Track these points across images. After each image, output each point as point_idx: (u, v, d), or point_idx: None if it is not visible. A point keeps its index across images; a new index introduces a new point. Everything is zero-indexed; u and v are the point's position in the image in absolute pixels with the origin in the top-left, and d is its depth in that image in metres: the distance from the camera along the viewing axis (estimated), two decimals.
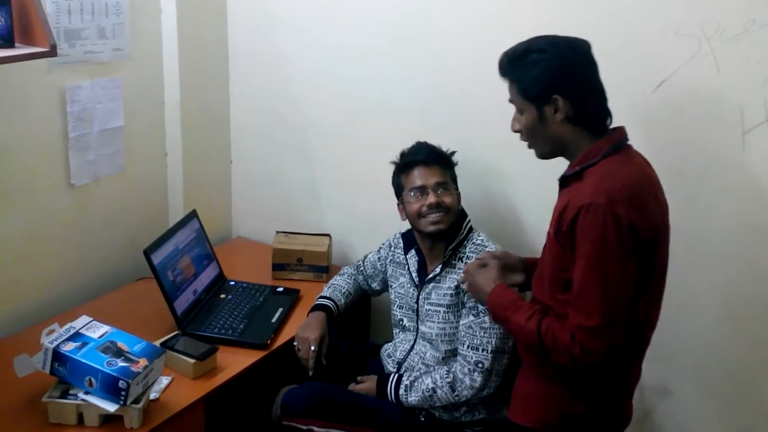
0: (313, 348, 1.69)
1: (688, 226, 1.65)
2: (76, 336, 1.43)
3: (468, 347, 1.59)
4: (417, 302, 1.71)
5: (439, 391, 1.60)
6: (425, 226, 1.65)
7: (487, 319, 1.57)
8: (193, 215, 1.98)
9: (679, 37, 1.56)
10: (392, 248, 1.83)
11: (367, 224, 2.10)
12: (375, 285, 1.90)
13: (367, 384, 1.71)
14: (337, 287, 1.88)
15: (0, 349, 1.67)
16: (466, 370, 1.58)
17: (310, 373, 1.70)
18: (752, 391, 1.68)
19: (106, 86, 1.92)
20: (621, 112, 1.65)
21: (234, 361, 1.65)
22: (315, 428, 1.65)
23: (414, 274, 1.73)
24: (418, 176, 1.67)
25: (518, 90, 1.32)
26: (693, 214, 1.64)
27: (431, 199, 1.64)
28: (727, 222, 1.62)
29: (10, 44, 1.49)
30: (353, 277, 1.92)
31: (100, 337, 1.44)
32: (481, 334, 1.58)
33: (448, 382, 1.59)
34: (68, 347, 1.39)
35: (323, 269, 2.07)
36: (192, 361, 1.57)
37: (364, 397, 1.68)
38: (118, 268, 2.06)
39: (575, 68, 1.29)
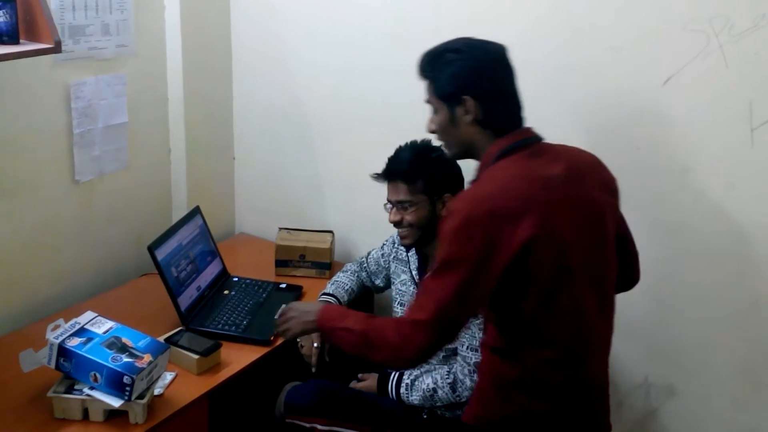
0: (316, 345, 1.70)
1: (695, 223, 1.65)
2: (81, 332, 1.44)
3: (467, 348, 1.59)
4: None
5: (440, 392, 1.61)
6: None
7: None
8: (196, 211, 1.99)
9: (687, 32, 1.55)
10: (395, 245, 1.84)
11: (370, 221, 2.10)
12: (378, 282, 1.91)
13: (368, 382, 1.72)
14: (340, 284, 1.89)
15: (5, 344, 1.69)
16: (466, 371, 1.59)
17: (313, 370, 1.71)
18: (758, 390, 1.68)
19: (110, 82, 1.93)
20: (627, 109, 1.67)
21: (237, 358, 1.66)
22: (318, 426, 1.65)
23: (414, 272, 1.74)
24: (388, 190, 1.69)
25: (433, 89, 1.32)
26: (700, 211, 1.64)
27: (391, 216, 1.67)
28: (735, 219, 1.61)
29: (15, 41, 1.50)
30: (356, 274, 1.92)
31: (104, 333, 1.45)
32: (480, 335, 1.58)
33: (449, 383, 1.60)
34: (73, 343, 1.40)
35: (326, 266, 2.08)
36: (196, 357, 1.58)
37: (367, 395, 1.69)
38: (123, 263, 2.07)
39: (487, 71, 1.29)
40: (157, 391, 1.48)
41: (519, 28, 1.75)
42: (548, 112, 1.77)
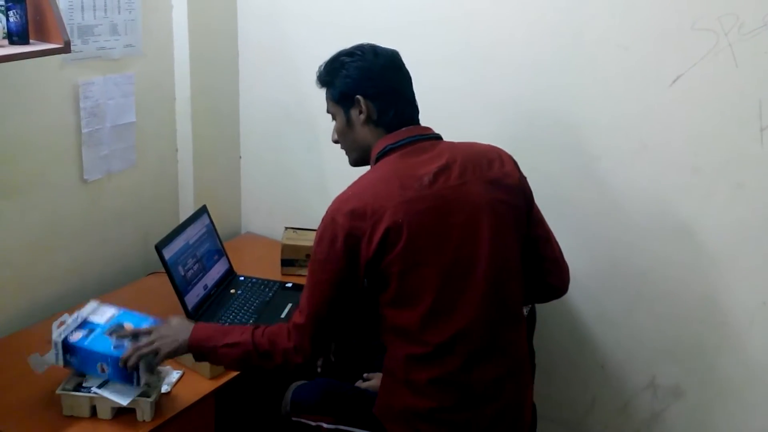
0: None
1: (704, 223, 1.64)
2: (83, 324, 1.45)
3: None
4: None
5: None
6: None
7: None
8: (203, 211, 2.00)
9: (696, 31, 1.54)
10: None
11: None
12: None
13: (373, 381, 1.72)
14: None
15: (14, 342, 1.70)
16: None
17: (319, 369, 1.71)
18: (765, 391, 1.67)
19: (118, 82, 1.94)
20: (636, 107, 1.66)
21: None
22: (324, 424, 1.65)
23: None
24: None
25: (330, 95, 1.38)
26: (709, 210, 1.63)
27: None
28: (744, 218, 1.60)
29: (25, 41, 1.51)
30: None
31: (106, 322, 1.46)
32: None
33: None
34: (76, 337, 1.41)
35: None
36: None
37: (373, 394, 1.69)
38: (130, 262, 2.08)
39: (377, 71, 1.33)
40: (164, 389, 1.48)
41: (525, 25, 1.75)
42: (553, 111, 1.78)
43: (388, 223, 1.23)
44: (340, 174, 2.22)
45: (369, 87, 1.33)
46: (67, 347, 1.40)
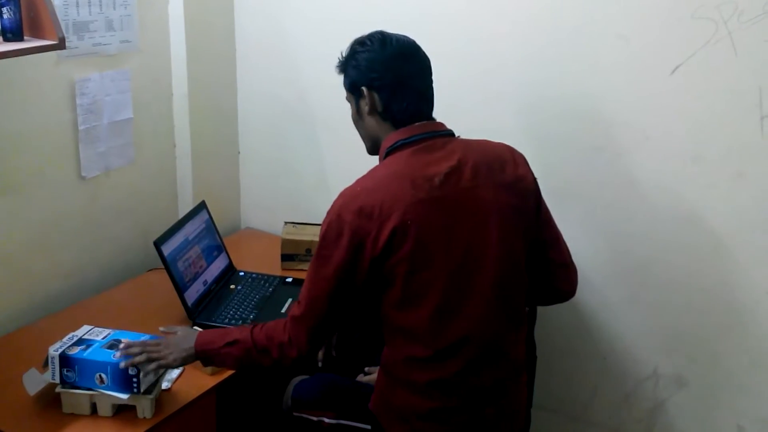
0: None
1: (706, 213, 1.64)
2: (79, 342, 1.45)
3: None
4: None
5: None
6: None
7: None
8: (202, 206, 1.99)
9: (696, 20, 1.53)
10: None
11: None
12: None
13: (375, 375, 1.72)
14: None
15: (14, 340, 1.70)
16: None
17: (320, 364, 1.71)
18: (767, 379, 1.67)
19: (114, 78, 1.93)
20: (636, 98, 1.66)
21: None
22: (326, 419, 1.65)
23: None
24: None
25: (344, 83, 1.37)
26: (710, 199, 1.62)
27: None
28: (746, 208, 1.59)
29: (19, 37, 1.50)
30: None
31: (103, 338, 1.46)
32: None
33: None
34: (74, 351, 1.41)
35: None
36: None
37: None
38: (129, 259, 2.08)
39: (383, 62, 1.30)
40: (164, 385, 1.48)
41: (525, 16, 1.74)
42: (554, 102, 1.77)
43: (396, 223, 1.20)
44: (339, 168, 2.23)
45: (374, 78, 1.30)
46: (65, 360, 1.39)
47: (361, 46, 1.33)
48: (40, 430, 1.38)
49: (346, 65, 1.36)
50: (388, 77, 1.30)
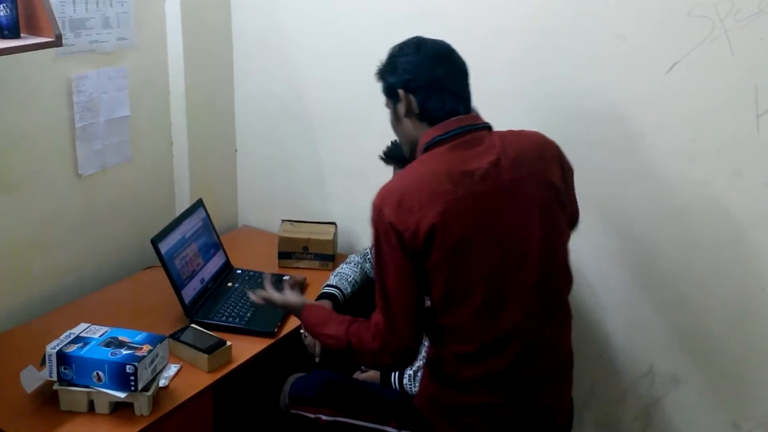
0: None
1: (701, 210, 1.64)
2: (76, 339, 1.45)
3: None
4: None
5: None
6: None
7: None
8: (199, 204, 1.99)
9: (692, 18, 1.54)
10: None
11: None
12: None
13: (371, 372, 1.72)
14: (344, 275, 1.89)
15: (11, 337, 1.70)
16: None
17: (317, 359, 1.72)
18: (765, 377, 1.67)
19: (111, 76, 1.92)
20: (632, 96, 1.66)
21: (242, 349, 1.66)
22: (323, 416, 1.66)
23: None
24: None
25: (382, 89, 1.38)
26: (706, 197, 1.63)
27: None
28: (742, 206, 1.60)
29: (16, 35, 1.49)
30: (360, 265, 1.92)
31: (101, 336, 1.46)
32: None
33: None
34: (71, 348, 1.41)
35: (329, 257, 2.08)
36: (206, 355, 1.56)
37: (372, 386, 1.69)
38: (126, 257, 2.08)
39: (419, 65, 1.32)
40: (161, 383, 1.48)
41: (521, 15, 1.74)
42: (550, 100, 1.77)
43: (435, 219, 1.20)
44: (335, 166, 2.23)
45: (410, 81, 1.32)
46: (62, 358, 1.39)
47: (397, 51, 1.36)
48: (37, 428, 1.39)
49: (383, 71, 1.38)
50: (422, 78, 1.31)
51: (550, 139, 1.40)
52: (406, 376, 1.65)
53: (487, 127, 1.34)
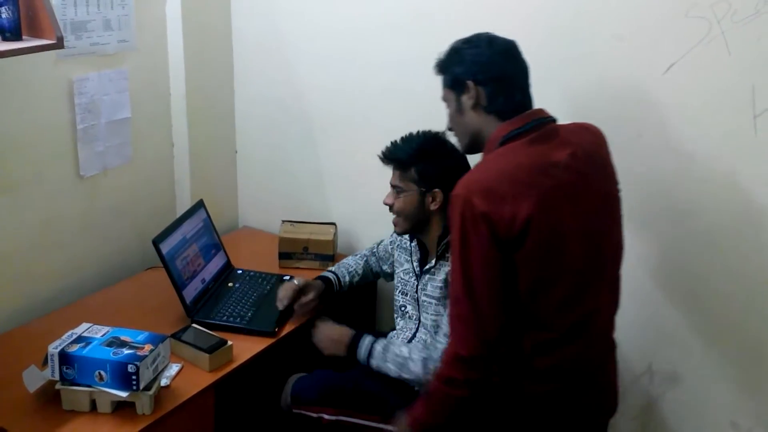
0: (296, 282, 1.79)
1: (699, 210, 1.65)
2: (78, 339, 1.45)
3: (444, 335, 1.60)
4: (417, 292, 1.73)
5: (411, 363, 1.60)
6: None
7: None
8: (200, 205, 2.00)
9: (689, 19, 1.55)
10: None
11: (373, 212, 2.10)
12: (386, 268, 1.91)
13: (339, 332, 1.70)
14: (345, 264, 1.92)
15: (13, 338, 1.71)
16: (437, 355, 1.58)
17: (280, 306, 1.78)
18: (763, 374, 1.68)
19: (112, 78, 1.93)
20: (629, 97, 1.67)
21: (243, 349, 1.67)
22: (325, 416, 1.67)
23: (415, 264, 1.74)
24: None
25: (444, 81, 1.38)
26: (704, 197, 1.63)
27: (386, 198, 1.68)
28: (739, 205, 1.61)
29: (18, 37, 1.51)
30: (365, 258, 1.94)
31: (102, 336, 1.47)
32: None
33: (423, 357, 1.60)
34: (73, 348, 1.42)
35: (329, 258, 2.09)
36: (207, 354, 1.57)
37: (373, 386, 1.70)
38: (128, 257, 2.09)
39: (490, 58, 1.33)
40: (163, 382, 1.49)
41: (520, 15, 1.75)
42: (549, 100, 1.77)
43: (532, 210, 1.21)
44: (335, 167, 2.24)
45: (479, 73, 1.32)
46: (65, 358, 1.40)
47: (466, 44, 1.36)
48: (40, 427, 1.39)
49: (447, 63, 1.38)
50: (493, 72, 1.33)
51: (601, 132, 1.43)
52: (376, 350, 1.64)
53: (554, 120, 1.37)
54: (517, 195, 1.21)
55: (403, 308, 1.77)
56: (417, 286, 1.71)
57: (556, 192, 1.25)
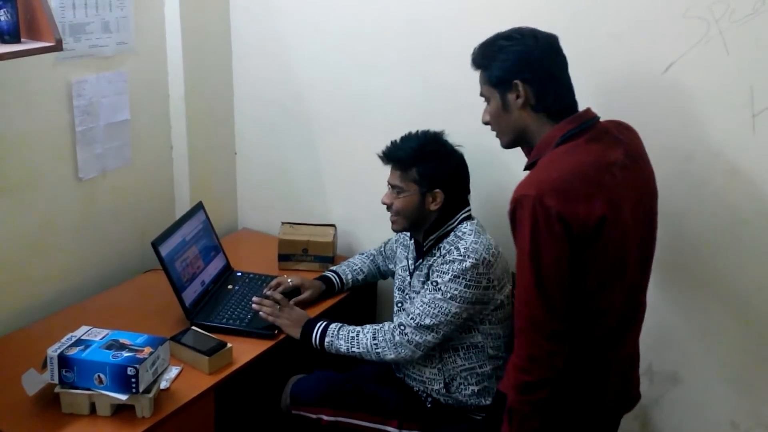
0: (289, 281, 1.82)
1: (698, 210, 1.65)
2: (78, 342, 1.45)
3: (404, 311, 1.65)
4: (409, 287, 1.73)
5: (360, 335, 1.64)
6: None
7: (433, 297, 1.57)
8: (199, 207, 2.00)
9: (688, 19, 1.55)
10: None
11: (372, 214, 2.11)
12: (392, 267, 1.91)
13: (297, 314, 1.73)
14: (350, 263, 1.92)
15: (12, 341, 1.70)
16: (391, 327, 1.63)
17: (267, 292, 1.80)
18: (761, 375, 1.68)
19: (111, 80, 1.93)
20: (627, 97, 1.67)
21: (242, 351, 1.66)
22: (324, 417, 1.67)
23: (410, 261, 1.74)
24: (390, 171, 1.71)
25: (485, 78, 1.36)
26: (702, 197, 1.64)
27: (384, 197, 1.69)
28: (737, 205, 1.61)
29: (16, 39, 1.51)
30: (372, 257, 1.94)
31: (101, 339, 1.47)
32: (419, 304, 1.60)
33: (373, 329, 1.64)
34: (72, 351, 1.42)
35: (329, 259, 2.08)
36: (207, 357, 1.57)
37: (373, 386, 1.70)
38: (127, 260, 2.08)
39: (537, 55, 1.31)
40: (163, 385, 1.49)
41: (517, 15, 1.73)
42: None
43: (605, 209, 1.21)
44: (334, 169, 2.24)
45: (527, 71, 1.30)
46: (64, 361, 1.40)
47: (507, 40, 1.33)
48: (39, 430, 1.39)
49: (488, 60, 1.34)
50: (542, 70, 1.31)
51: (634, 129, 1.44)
52: (329, 332, 1.66)
53: (599, 118, 1.37)
54: (588, 194, 1.22)
55: (399, 304, 1.78)
56: (410, 282, 1.72)
57: (620, 190, 1.26)
